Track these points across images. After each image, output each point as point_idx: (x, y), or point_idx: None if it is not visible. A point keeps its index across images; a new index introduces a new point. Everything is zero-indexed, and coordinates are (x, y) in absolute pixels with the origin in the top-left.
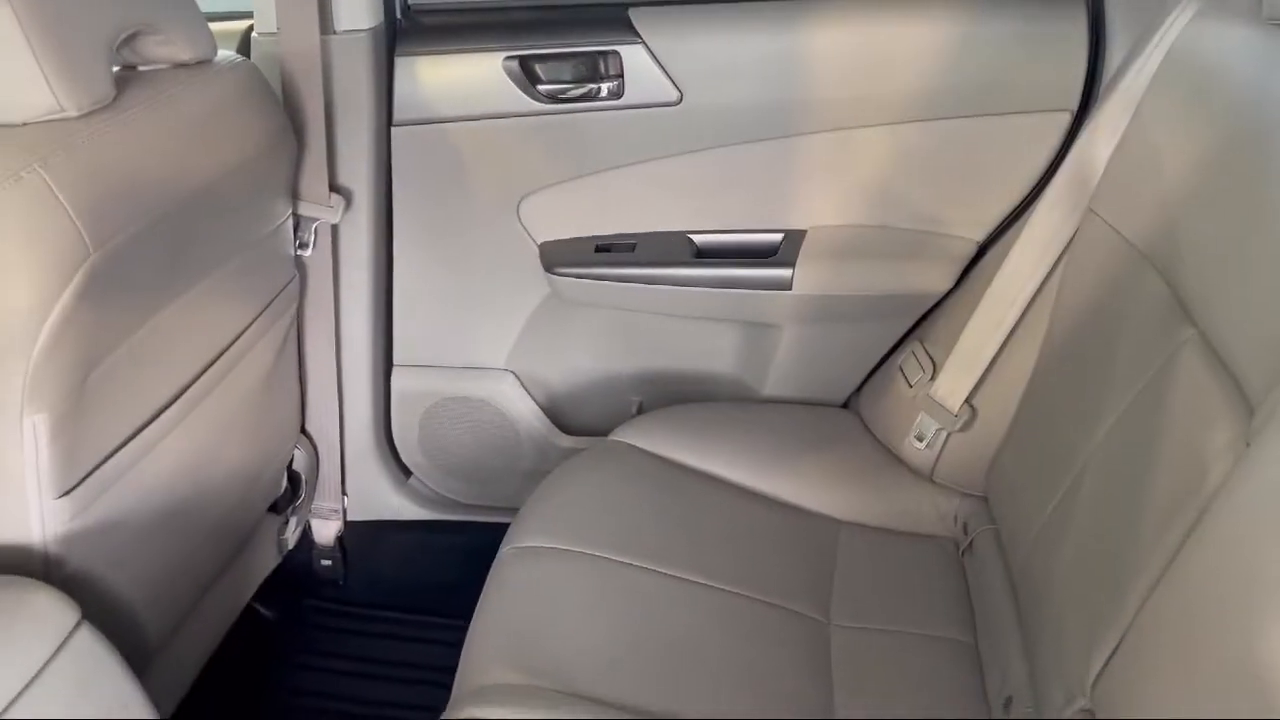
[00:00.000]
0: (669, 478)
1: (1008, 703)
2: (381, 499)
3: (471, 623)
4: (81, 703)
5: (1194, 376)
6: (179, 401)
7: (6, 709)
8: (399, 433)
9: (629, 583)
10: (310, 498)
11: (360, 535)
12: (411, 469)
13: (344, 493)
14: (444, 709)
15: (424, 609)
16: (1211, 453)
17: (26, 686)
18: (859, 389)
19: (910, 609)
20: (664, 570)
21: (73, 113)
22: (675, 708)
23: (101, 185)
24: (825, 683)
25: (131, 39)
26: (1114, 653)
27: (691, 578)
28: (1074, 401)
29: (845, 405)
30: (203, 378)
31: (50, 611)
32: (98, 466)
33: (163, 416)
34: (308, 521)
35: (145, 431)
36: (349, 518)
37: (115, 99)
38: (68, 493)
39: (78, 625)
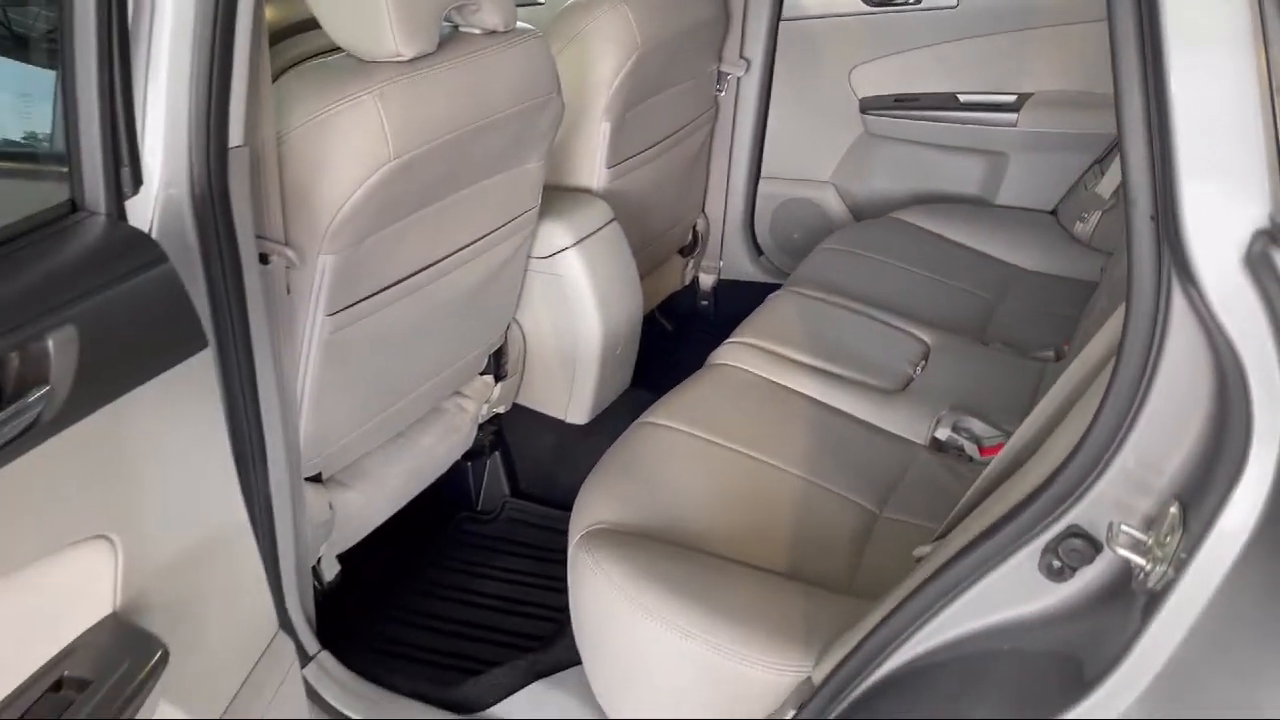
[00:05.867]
0: (922, 237)
1: None
2: (742, 265)
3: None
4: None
5: None
6: (663, 143)
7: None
8: (757, 223)
9: (892, 273)
10: (702, 253)
11: (726, 288)
12: (762, 249)
13: (720, 257)
14: None
15: None
16: None
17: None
18: (1062, 201)
19: (1052, 332)
20: (908, 266)
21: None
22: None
23: (649, 26)
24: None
25: None
26: None
27: (913, 268)
28: None
29: (1052, 213)
30: (671, 138)
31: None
32: (624, 159)
33: (649, 149)
34: (695, 276)
35: (647, 151)
36: (721, 276)
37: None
38: (610, 167)
39: (611, 220)
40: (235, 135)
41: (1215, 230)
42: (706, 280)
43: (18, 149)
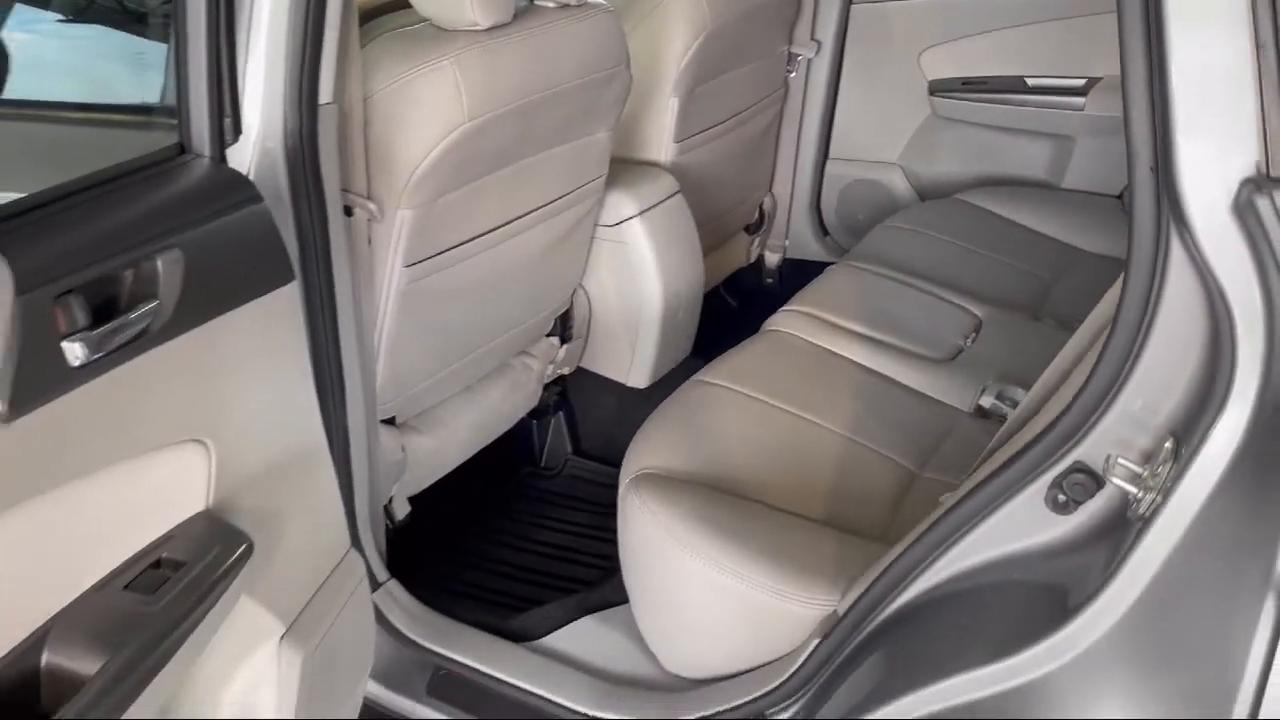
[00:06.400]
0: (984, 218)
1: None
2: (808, 244)
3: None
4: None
5: None
6: (731, 120)
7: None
8: (824, 202)
9: (951, 251)
10: (768, 231)
11: (791, 266)
12: (828, 228)
13: (786, 236)
14: None
15: None
16: None
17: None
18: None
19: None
20: (968, 245)
21: (572, 1)
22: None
23: (719, 5)
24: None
25: None
26: None
27: (972, 246)
28: None
29: (1118, 197)
30: (738, 116)
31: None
32: (691, 134)
33: (717, 126)
34: (761, 254)
35: (715, 127)
36: (787, 254)
37: None
38: (678, 141)
39: (675, 192)
40: (325, 93)
41: (1207, 179)
42: (772, 258)
43: (136, 103)
